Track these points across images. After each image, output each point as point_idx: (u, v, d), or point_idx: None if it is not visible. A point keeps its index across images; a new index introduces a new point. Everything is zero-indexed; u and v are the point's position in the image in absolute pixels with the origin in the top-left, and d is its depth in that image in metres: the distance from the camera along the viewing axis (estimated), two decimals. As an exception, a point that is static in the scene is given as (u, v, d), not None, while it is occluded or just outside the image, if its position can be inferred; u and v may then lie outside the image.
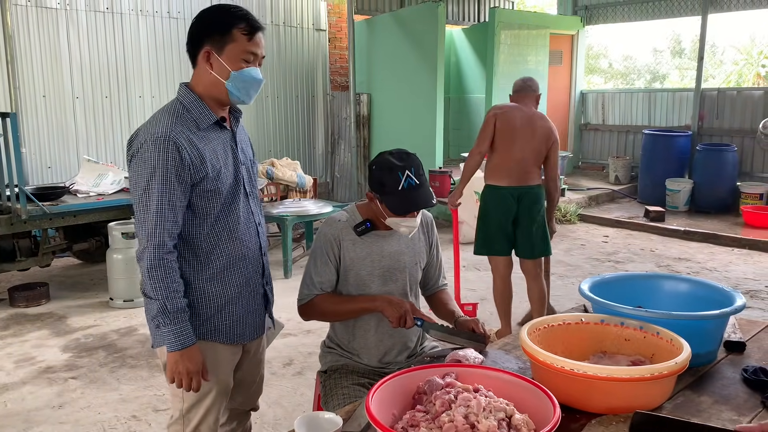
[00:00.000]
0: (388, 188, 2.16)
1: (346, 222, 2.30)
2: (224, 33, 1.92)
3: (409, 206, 2.17)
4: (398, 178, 2.14)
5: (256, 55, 1.98)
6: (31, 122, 7.01)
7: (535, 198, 4.22)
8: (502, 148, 4.20)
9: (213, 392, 2.06)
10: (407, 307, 2.18)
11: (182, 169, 1.88)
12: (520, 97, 4.32)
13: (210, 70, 1.95)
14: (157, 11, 7.75)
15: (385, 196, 2.18)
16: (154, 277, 1.90)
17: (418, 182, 2.16)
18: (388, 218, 2.22)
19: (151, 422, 3.43)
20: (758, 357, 2.10)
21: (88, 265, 6.53)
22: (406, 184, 2.14)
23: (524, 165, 4.18)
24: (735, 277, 6.06)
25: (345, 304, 2.29)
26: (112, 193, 5.75)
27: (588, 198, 9.33)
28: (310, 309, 2.32)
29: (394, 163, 2.17)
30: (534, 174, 4.22)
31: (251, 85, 1.99)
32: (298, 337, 4.53)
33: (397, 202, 2.16)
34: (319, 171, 9.63)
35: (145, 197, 1.89)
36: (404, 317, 2.16)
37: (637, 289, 2.31)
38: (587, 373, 1.63)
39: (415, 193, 2.16)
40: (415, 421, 1.52)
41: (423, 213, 2.44)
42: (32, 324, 4.95)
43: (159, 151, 1.86)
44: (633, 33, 28.15)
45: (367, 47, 9.52)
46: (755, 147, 8.89)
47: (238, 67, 1.94)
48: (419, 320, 2.18)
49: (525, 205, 4.21)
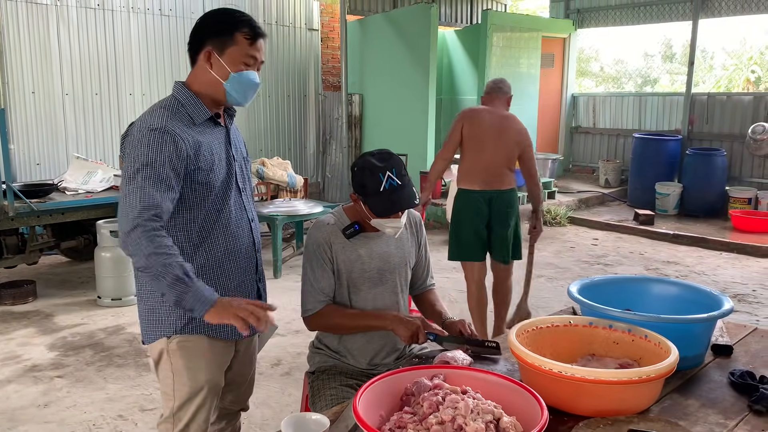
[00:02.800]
0: (370, 190, 2.15)
1: (334, 225, 2.29)
2: (227, 35, 1.97)
3: (392, 207, 2.15)
4: (380, 180, 2.13)
5: (256, 60, 2.02)
6: (19, 118, 6.95)
7: (507, 202, 4.15)
8: (472, 152, 4.13)
9: (203, 391, 2.06)
10: (419, 324, 2.15)
11: (176, 159, 1.90)
12: (490, 98, 4.24)
13: (210, 69, 1.99)
14: (148, 8, 7.71)
15: (367, 198, 2.17)
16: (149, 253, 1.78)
17: (400, 183, 2.15)
18: (372, 219, 2.21)
19: (138, 422, 3.41)
20: (745, 361, 2.11)
21: (76, 263, 6.48)
22: (388, 184, 2.13)
23: (495, 168, 4.10)
24: (723, 281, 6.10)
25: (354, 320, 2.26)
26: (101, 191, 5.72)
27: (578, 201, 9.37)
28: (317, 321, 2.29)
29: (375, 164, 2.15)
30: (505, 177, 4.14)
31: (249, 87, 2.03)
32: (287, 338, 4.51)
33: (380, 204, 2.15)
34: (310, 171, 9.61)
35: (134, 181, 1.85)
36: (416, 334, 2.14)
37: (625, 291, 2.32)
38: (575, 375, 1.63)
39: (397, 194, 2.14)
40: (403, 422, 1.52)
41: (410, 212, 2.44)
42: (18, 322, 4.91)
43: (155, 139, 1.88)
44: (625, 37, 28.29)
45: (359, 47, 9.52)
46: (744, 152, 8.96)
47: (237, 69, 1.99)
48: (431, 335, 2.16)
49: (496, 209, 4.14)
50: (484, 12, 9.41)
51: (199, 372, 2.04)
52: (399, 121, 8.93)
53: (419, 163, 8.30)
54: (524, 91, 9.28)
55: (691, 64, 9.49)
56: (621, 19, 10.45)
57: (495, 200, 4.12)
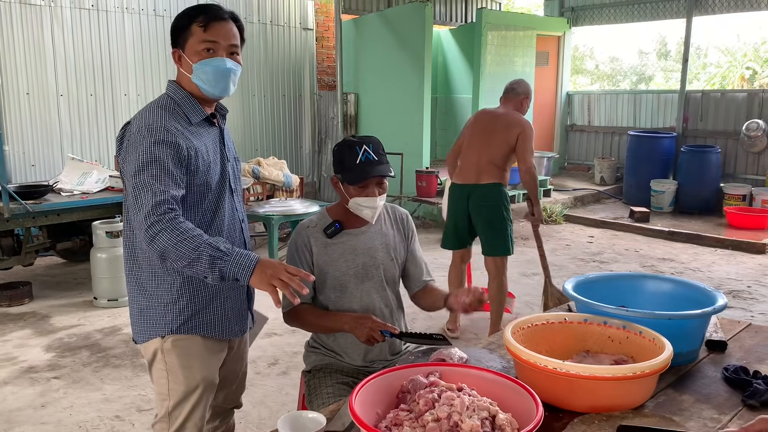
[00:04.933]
0: (347, 164, 2.20)
1: (316, 227, 2.32)
2: (185, 30, 1.97)
3: (365, 174, 2.18)
4: (356, 153, 2.18)
5: (218, 43, 1.96)
6: (14, 119, 6.93)
7: (483, 196, 4.28)
8: (464, 150, 4.41)
9: (199, 389, 2.05)
10: (369, 324, 2.16)
11: (177, 158, 1.88)
12: (504, 99, 4.49)
13: (181, 68, 2.00)
14: (142, 9, 7.70)
15: (344, 173, 2.22)
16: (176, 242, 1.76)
17: (376, 158, 2.20)
18: (350, 201, 2.24)
19: (135, 422, 3.41)
20: (739, 356, 2.12)
21: (72, 264, 6.47)
22: (364, 157, 2.18)
23: (478, 164, 4.28)
24: (718, 277, 6.12)
25: (321, 320, 2.30)
26: (97, 192, 5.70)
27: (573, 198, 9.39)
28: (293, 317, 2.33)
29: (353, 140, 2.23)
30: (487, 173, 4.27)
31: (218, 75, 1.98)
32: (284, 337, 4.52)
33: (355, 173, 2.19)
34: (305, 170, 9.61)
35: (139, 181, 1.83)
36: (371, 336, 2.15)
37: (620, 288, 2.32)
38: (570, 372, 1.64)
39: (372, 166, 2.19)
40: (399, 420, 1.52)
41: (396, 208, 2.47)
42: (15, 323, 4.90)
43: (154, 136, 1.87)
44: (620, 34, 28.32)
45: (354, 47, 9.52)
46: (738, 149, 8.99)
47: (198, 59, 1.96)
48: (387, 332, 2.16)
49: (473, 202, 4.32)
50: (479, 10, 9.42)
51: (194, 371, 2.04)
52: (394, 120, 8.94)
53: (415, 162, 8.31)
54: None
55: (685, 61, 9.52)
56: (615, 17, 10.47)
57: (473, 194, 4.32)
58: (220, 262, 1.76)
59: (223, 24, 1.97)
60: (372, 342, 2.17)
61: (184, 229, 1.78)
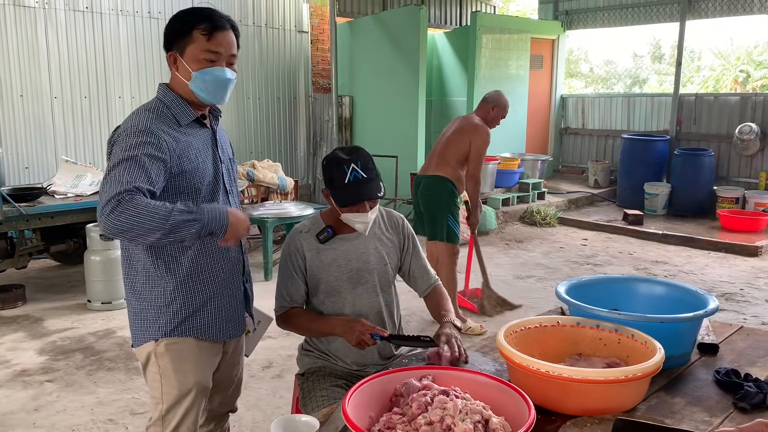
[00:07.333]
0: (336, 182, 2.19)
1: (309, 232, 2.32)
2: (185, 35, 1.95)
3: (353, 198, 2.18)
4: (344, 172, 2.16)
5: (220, 54, 1.97)
6: (8, 122, 6.91)
7: (427, 186, 4.70)
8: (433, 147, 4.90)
9: (192, 393, 2.06)
10: (359, 328, 2.17)
11: (159, 159, 1.86)
12: (479, 106, 4.87)
13: (177, 72, 1.99)
14: (137, 11, 7.69)
15: (334, 191, 2.21)
16: (139, 214, 1.72)
17: (365, 176, 2.17)
18: (342, 214, 2.24)
19: (128, 425, 3.40)
20: (730, 359, 2.13)
21: (66, 266, 6.45)
22: (352, 177, 2.16)
23: (431, 159, 4.76)
24: (711, 280, 6.15)
25: (313, 324, 2.32)
26: (90, 195, 5.68)
27: (567, 201, 9.42)
28: (285, 321, 2.35)
29: (341, 157, 2.19)
30: (438, 167, 4.65)
31: (216, 84, 1.99)
32: (278, 340, 4.51)
33: (344, 195, 2.18)
34: (300, 173, 9.60)
35: (111, 174, 1.80)
36: (361, 340, 2.15)
37: (613, 291, 2.34)
38: (562, 375, 1.65)
39: (362, 187, 2.17)
40: (392, 423, 1.53)
41: (391, 212, 2.47)
42: (8, 326, 4.88)
43: (139, 137, 1.86)
44: (614, 38, 28.44)
45: (349, 49, 9.52)
46: (732, 152, 9.03)
47: (198, 67, 1.95)
48: (377, 336, 2.16)
49: (420, 191, 4.77)
50: (474, 14, 9.44)
51: (188, 374, 2.05)
52: (389, 123, 8.95)
53: (409, 165, 8.31)
54: (513, 92, 9.31)
55: (679, 65, 9.56)
56: (609, 20, 10.52)
57: (420, 183, 4.78)
58: (195, 225, 1.80)
59: (225, 34, 1.98)
60: (362, 345, 2.17)
61: (147, 202, 1.75)
